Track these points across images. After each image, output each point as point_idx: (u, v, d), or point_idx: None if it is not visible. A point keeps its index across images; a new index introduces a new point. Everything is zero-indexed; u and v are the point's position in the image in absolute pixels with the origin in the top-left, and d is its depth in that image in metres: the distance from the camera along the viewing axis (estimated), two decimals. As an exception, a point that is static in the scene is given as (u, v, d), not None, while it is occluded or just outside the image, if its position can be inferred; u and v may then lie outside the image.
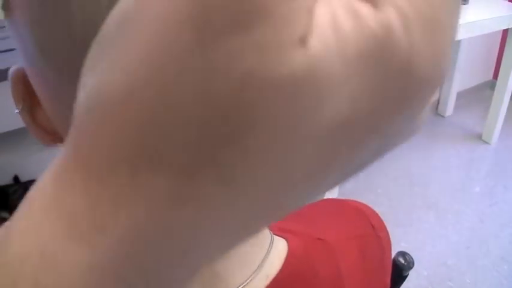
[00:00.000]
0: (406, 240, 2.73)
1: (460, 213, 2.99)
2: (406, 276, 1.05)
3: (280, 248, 0.52)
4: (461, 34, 2.97)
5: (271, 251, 0.50)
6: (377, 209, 0.90)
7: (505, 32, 3.32)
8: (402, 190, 3.14)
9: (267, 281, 0.49)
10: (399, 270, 1.03)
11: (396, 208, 2.95)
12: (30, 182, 2.36)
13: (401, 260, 1.04)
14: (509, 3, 3.63)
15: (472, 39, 3.47)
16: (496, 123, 3.62)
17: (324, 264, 0.49)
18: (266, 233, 0.51)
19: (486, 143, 3.71)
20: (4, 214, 2.28)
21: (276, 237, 0.52)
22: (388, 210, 2.90)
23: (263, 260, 0.49)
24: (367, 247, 0.67)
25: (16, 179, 2.43)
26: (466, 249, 2.72)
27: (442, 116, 4.07)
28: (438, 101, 4.11)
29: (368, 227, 0.69)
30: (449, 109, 4.08)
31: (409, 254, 1.06)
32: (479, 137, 3.76)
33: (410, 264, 1.04)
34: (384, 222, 0.71)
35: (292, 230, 0.56)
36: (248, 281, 0.48)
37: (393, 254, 0.83)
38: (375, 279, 0.68)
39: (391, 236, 1.11)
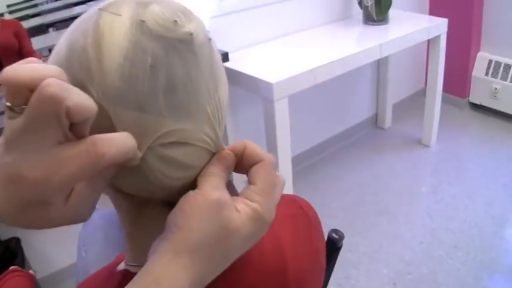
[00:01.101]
0: (364, 244, 2.87)
1: (410, 213, 3.14)
2: (340, 247, 1.21)
3: None
4: (388, 50, 3.16)
5: None
6: (334, 221, 1.10)
7: (429, 41, 3.53)
8: (354, 201, 3.28)
9: None
10: (334, 243, 1.19)
11: (351, 218, 3.08)
12: (11, 240, 2.48)
13: (334, 235, 1.20)
14: (429, 16, 3.88)
15: (400, 53, 3.65)
16: (432, 127, 3.80)
17: (267, 236, 0.64)
18: None
19: (426, 146, 3.89)
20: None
21: None
22: (344, 221, 3.05)
23: None
24: (296, 221, 0.86)
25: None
26: (420, 244, 2.86)
27: (382, 128, 4.25)
28: (376, 115, 4.29)
29: (298, 208, 0.89)
30: (388, 121, 4.25)
31: (340, 230, 1.22)
32: (419, 142, 3.94)
33: (341, 237, 1.20)
34: (317, 212, 0.93)
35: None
36: None
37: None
38: (306, 244, 0.85)
39: (350, 243, 1.28)
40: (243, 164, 0.61)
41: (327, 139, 3.87)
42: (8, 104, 0.44)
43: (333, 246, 1.19)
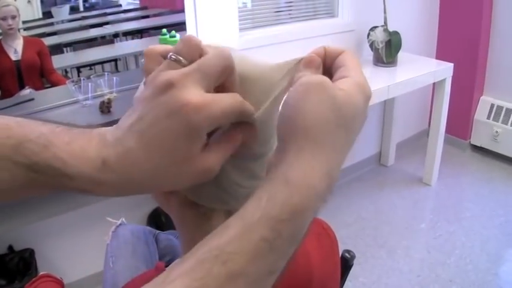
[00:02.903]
0: (363, 275, 2.98)
1: (409, 248, 3.25)
2: (351, 265, 1.34)
3: None
4: (395, 92, 3.31)
5: None
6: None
7: (434, 84, 3.68)
8: (356, 233, 3.40)
9: None
10: (346, 261, 1.33)
11: (352, 249, 3.15)
12: (25, 251, 2.54)
13: (347, 255, 1.34)
14: (436, 60, 4.03)
15: (406, 94, 3.76)
16: (434, 166, 3.93)
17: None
18: None
19: (427, 184, 4.01)
20: (1, 281, 2.41)
21: None
22: (344, 252, 3.15)
23: None
24: (320, 238, 1.00)
25: (11, 248, 2.56)
26: (417, 277, 2.97)
27: (385, 166, 4.38)
28: (380, 153, 4.42)
29: (321, 228, 1.02)
30: (391, 159, 4.37)
31: (352, 251, 1.36)
32: (420, 180, 4.06)
33: (353, 257, 1.34)
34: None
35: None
36: None
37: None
38: (329, 258, 0.98)
39: (350, 273, 1.39)
40: (326, 62, 0.62)
41: (331, 173, 3.93)
42: (180, 58, 0.56)
43: (346, 264, 1.33)
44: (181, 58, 0.56)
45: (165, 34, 2.77)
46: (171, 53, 0.57)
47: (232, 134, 0.58)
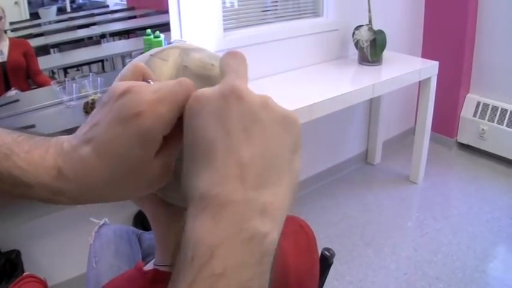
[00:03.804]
0: (350, 274, 2.98)
1: (396, 246, 3.26)
2: (331, 264, 1.35)
3: None
4: (380, 91, 3.33)
5: None
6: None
7: (420, 82, 3.69)
8: (342, 232, 3.40)
9: None
10: (326, 260, 1.33)
11: (339, 248, 3.17)
12: (11, 252, 2.53)
13: (327, 253, 1.34)
14: (422, 58, 4.05)
15: (392, 93, 3.82)
16: (420, 164, 3.94)
17: None
18: None
19: (413, 183, 4.03)
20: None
21: None
22: (331, 251, 3.16)
23: None
24: (297, 236, 1.01)
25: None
26: (404, 275, 2.98)
27: (372, 164, 4.39)
28: (367, 152, 4.44)
29: (298, 226, 1.03)
30: (378, 157, 4.38)
31: (331, 249, 1.36)
32: (406, 179, 4.08)
33: (332, 255, 1.35)
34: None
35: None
36: None
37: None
38: (305, 256, 0.99)
39: (337, 272, 1.41)
40: None
41: (318, 172, 3.99)
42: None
43: (325, 263, 1.33)
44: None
45: (149, 34, 2.77)
46: (150, 80, 0.59)
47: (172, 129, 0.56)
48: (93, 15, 3.10)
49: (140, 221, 2.84)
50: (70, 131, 0.57)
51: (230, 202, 0.45)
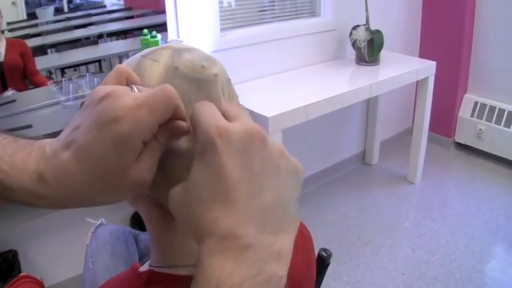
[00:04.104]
0: (347, 274, 2.98)
1: (393, 246, 3.25)
2: (328, 264, 1.35)
3: None
4: (378, 91, 3.33)
5: None
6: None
7: (418, 82, 3.69)
8: (340, 232, 3.40)
9: None
10: (323, 260, 1.33)
11: (336, 248, 3.18)
12: (8, 252, 2.53)
13: (323, 253, 1.34)
14: (419, 58, 4.06)
15: (390, 93, 3.82)
16: (418, 165, 3.94)
17: None
18: None
19: (411, 183, 4.02)
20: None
21: None
22: (329, 251, 3.16)
23: None
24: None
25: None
26: (401, 276, 2.97)
27: (369, 165, 4.38)
28: (364, 152, 4.43)
29: None
30: (375, 158, 4.38)
31: (328, 250, 1.36)
32: (404, 179, 4.07)
33: (329, 256, 1.34)
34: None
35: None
36: None
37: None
38: (301, 256, 0.99)
39: (334, 272, 1.41)
40: None
41: (316, 172, 3.98)
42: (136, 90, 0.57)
43: (322, 263, 1.33)
44: (137, 91, 0.57)
45: (146, 34, 2.77)
46: (133, 85, 0.59)
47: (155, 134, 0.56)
48: (90, 15, 3.10)
49: (137, 222, 2.83)
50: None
51: (252, 245, 0.47)
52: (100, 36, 3.13)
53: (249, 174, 0.49)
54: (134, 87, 0.58)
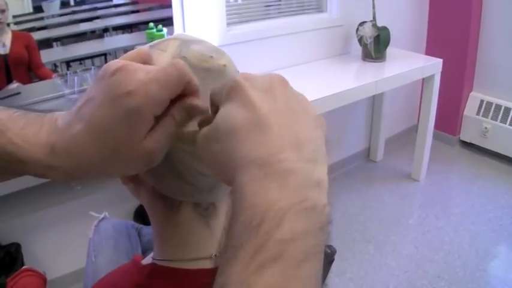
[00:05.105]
0: (350, 271, 2.97)
1: (397, 243, 3.25)
2: (332, 261, 1.34)
3: None
4: (383, 87, 3.32)
5: None
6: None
7: (423, 80, 3.68)
8: (343, 229, 3.39)
9: None
10: (327, 256, 1.33)
11: (340, 245, 3.16)
12: (11, 245, 2.53)
13: (327, 249, 1.33)
14: (425, 56, 4.04)
15: (395, 90, 3.79)
16: (422, 162, 3.92)
17: None
18: None
19: (415, 180, 4.01)
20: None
21: None
22: (332, 248, 3.16)
23: None
24: None
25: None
26: (404, 273, 2.97)
27: (374, 161, 4.37)
28: (369, 149, 4.42)
29: None
30: (380, 154, 4.37)
31: (332, 246, 1.35)
32: (408, 176, 4.06)
33: (334, 252, 1.34)
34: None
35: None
36: None
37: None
38: None
39: (337, 269, 1.40)
40: None
41: (320, 168, 3.93)
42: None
43: (326, 259, 1.33)
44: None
45: (152, 28, 2.77)
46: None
47: (169, 108, 0.57)
48: (96, 9, 3.08)
49: (140, 216, 2.83)
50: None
51: (294, 170, 0.46)
52: (106, 30, 3.12)
53: (276, 109, 0.50)
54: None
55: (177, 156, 0.65)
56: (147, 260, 0.84)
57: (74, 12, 2.93)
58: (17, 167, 0.55)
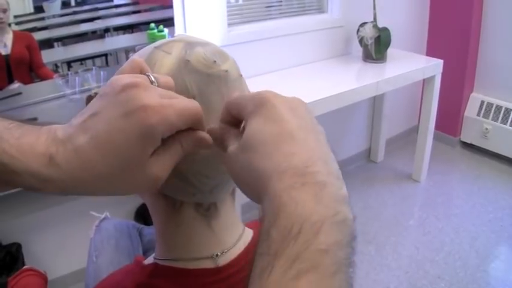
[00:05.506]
0: (351, 271, 2.97)
1: (398, 244, 3.24)
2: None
3: (249, 231, 0.86)
4: (384, 88, 3.32)
5: (245, 230, 0.85)
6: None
7: (424, 81, 3.68)
8: (344, 230, 3.38)
9: (245, 245, 0.82)
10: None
11: (340, 246, 3.17)
12: (12, 245, 2.53)
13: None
14: (426, 56, 4.04)
15: (396, 90, 3.78)
16: (423, 163, 3.92)
17: None
18: (241, 224, 0.86)
19: (416, 181, 4.01)
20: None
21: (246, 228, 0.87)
22: (332, 248, 3.16)
23: (241, 235, 0.83)
24: None
25: (-2, 242, 2.53)
26: (405, 274, 2.97)
27: (375, 162, 4.37)
28: (370, 149, 4.42)
29: None
30: (381, 155, 4.37)
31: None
32: (409, 177, 4.06)
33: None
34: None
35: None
36: (235, 242, 0.81)
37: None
38: None
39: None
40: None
41: (321, 169, 3.93)
42: (153, 79, 0.58)
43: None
44: (154, 80, 0.58)
45: (153, 29, 2.77)
46: (148, 73, 0.59)
47: (177, 137, 0.58)
48: (97, 9, 3.09)
49: (142, 216, 2.83)
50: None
51: (327, 183, 0.47)
52: (107, 30, 3.13)
53: (304, 125, 0.53)
54: (151, 75, 0.59)
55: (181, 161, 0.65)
56: (149, 260, 0.84)
57: (75, 13, 2.93)
58: (9, 178, 0.53)
